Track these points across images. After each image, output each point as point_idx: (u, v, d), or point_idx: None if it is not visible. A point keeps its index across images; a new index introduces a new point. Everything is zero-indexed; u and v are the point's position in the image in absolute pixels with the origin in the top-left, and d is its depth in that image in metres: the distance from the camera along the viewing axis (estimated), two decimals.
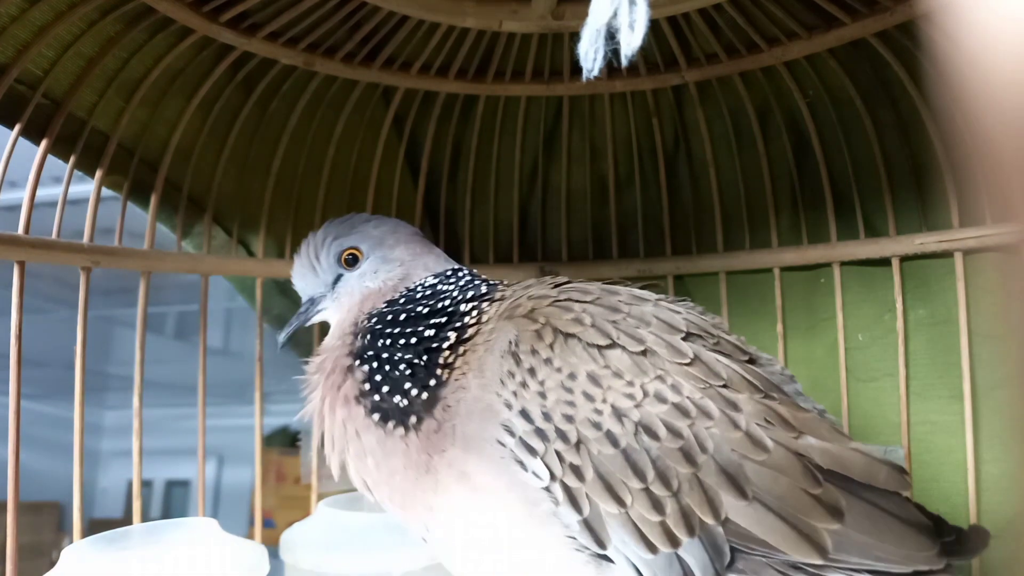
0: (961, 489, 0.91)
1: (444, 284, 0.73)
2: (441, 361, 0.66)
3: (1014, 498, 0.73)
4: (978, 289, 0.90)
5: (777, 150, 1.07)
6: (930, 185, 0.95)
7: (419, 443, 0.64)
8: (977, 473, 0.89)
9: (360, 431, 0.67)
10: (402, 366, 0.67)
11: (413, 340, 0.68)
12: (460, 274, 0.75)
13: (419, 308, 0.71)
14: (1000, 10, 0.25)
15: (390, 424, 0.65)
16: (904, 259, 0.96)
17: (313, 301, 0.78)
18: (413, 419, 0.64)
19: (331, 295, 0.77)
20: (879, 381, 0.99)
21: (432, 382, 0.65)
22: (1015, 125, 0.25)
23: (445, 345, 0.66)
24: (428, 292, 0.73)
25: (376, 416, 0.66)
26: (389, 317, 0.71)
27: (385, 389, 0.66)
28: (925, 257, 0.95)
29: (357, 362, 0.69)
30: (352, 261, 0.76)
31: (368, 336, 0.70)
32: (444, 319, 0.69)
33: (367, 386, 0.67)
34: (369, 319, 0.72)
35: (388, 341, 0.69)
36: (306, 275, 0.78)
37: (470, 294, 0.71)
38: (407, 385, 0.66)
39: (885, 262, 0.98)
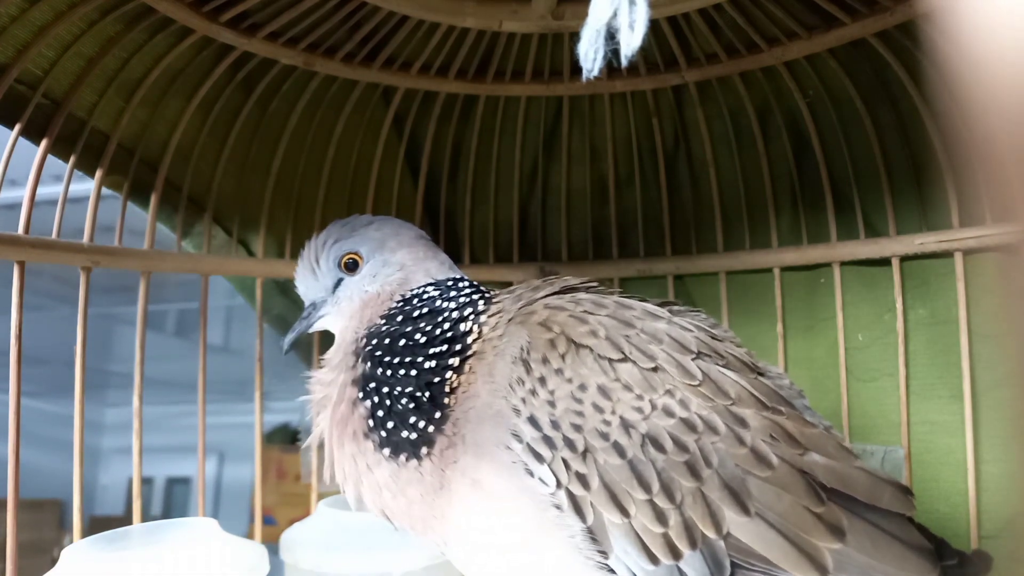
0: (961, 489, 0.90)
1: (442, 301, 0.71)
2: (448, 388, 0.65)
3: (1014, 498, 0.73)
4: (978, 289, 0.90)
5: (777, 150, 1.07)
6: (930, 185, 0.95)
7: (432, 465, 0.64)
8: (977, 473, 0.89)
9: (372, 466, 0.66)
10: (404, 400, 0.66)
11: (413, 372, 0.67)
12: (460, 286, 0.73)
13: (417, 336, 0.69)
14: (1000, 10, 0.25)
15: (402, 457, 0.65)
16: (904, 259, 0.96)
17: (315, 306, 0.77)
18: (424, 449, 0.64)
19: (332, 300, 0.76)
20: (879, 381, 0.99)
21: (438, 415, 0.64)
22: (1015, 125, 0.25)
23: (448, 375, 0.66)
24: (426, 311, 0.71)
25: (387, 451, 0.65)
26: (387, 342, 0.69)
27: (391, 425, 0.65)
28: (925, 257, 0.95)
29: (360, 395, 0.67)
30: (352, 266, 0.75)
31: (368, 363, 0.69)
32: (444, 347, 0.67)
33: (372, 422, 0.66)
34: (368, 339, 0.70)
35: (388, 372, 0.67)
36: (307, 279, 0.77)
37: (468, 312, 0.70)
38: (412, 419, 0.65)
39: (885, 262, 0.98)
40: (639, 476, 0.58)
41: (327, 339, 0.81)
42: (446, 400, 0.65)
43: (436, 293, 0.72)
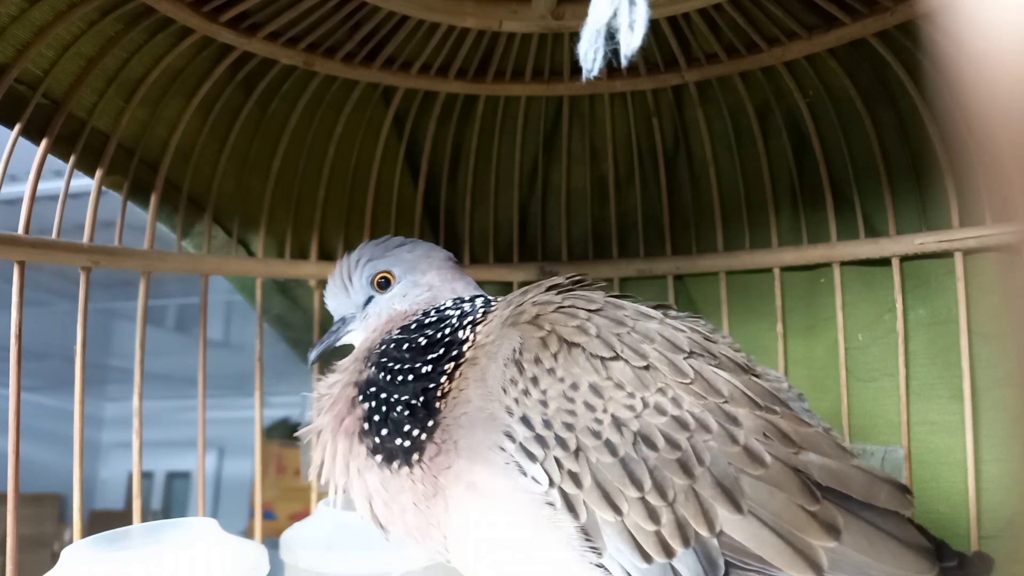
0: (961, 489, 0.90)
1: (452, 310, 0.73)
2: (439, 394, 0.66)
3: (1014, 498, 0.73)
4: (978, 289, 0.90)
5: (777, 150, 1.07)
6: (930, 185, 0.95)
7: (423, 472, 0.64)
8: (977, 473, 0.89)
9: (362, 470, 0.67)
10: (399, 407, 0.67)
11: (410, 377, 0.68)
12: (475, 302, 0.75)
13: (420, 339, 0.70)
14: (1000, 10, 0.25)
15: (394, 464, 0.65)
16: (904, 259, 0.96)
17: (344, 321, 0.80)
18: (416, 456, 0.65)
19: (361, 315, 0.78)
20: (879, 381, 0.99)
21: (431, 423, 0.65)
22: (1015, 125, 0.25)
23: (442, 380, 0.67)
24: (435, 319, 0.73)
25: (379, 458, 0.66)
26: (393, 346, 0.71)
27: (385, 432, 0.66)
28: (925, 257, 0.95)
29: (360, 396, 0.69)
30: (384, 284, 0.78)
31: (374, 367, 0.70)
32: (442, 351, 0.69)
33: (367, 425, 0.67)
34: (381, 345, 0.72)
35: (389, 376, 0.69)
36: (338, 295, 0.80)
37: (468, 320, 0.71)
38: (407, 427, 0.66)
39: (885, 262, 0.98)
40: (631, 474, 0.58)
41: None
42: (438, 405, 0.65)
43: (450, 304, 0.75)
